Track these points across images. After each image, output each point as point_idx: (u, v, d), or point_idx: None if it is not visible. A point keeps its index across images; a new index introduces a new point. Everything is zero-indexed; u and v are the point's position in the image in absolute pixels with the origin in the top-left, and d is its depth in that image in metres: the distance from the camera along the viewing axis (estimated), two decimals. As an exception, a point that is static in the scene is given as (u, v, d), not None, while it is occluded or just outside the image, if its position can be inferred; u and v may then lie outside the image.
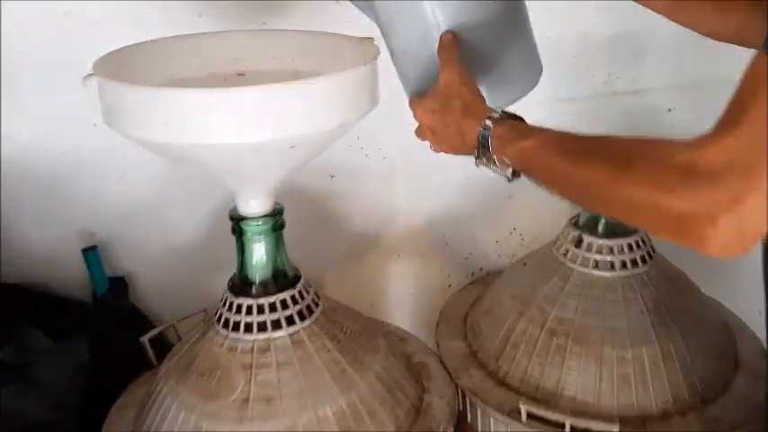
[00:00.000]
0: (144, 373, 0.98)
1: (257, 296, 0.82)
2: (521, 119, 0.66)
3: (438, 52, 0.71)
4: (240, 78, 0.88)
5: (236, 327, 0.82)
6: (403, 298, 1.17)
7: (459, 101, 0.68)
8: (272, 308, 0.82)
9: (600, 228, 0.91)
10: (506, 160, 0.64)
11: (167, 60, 0.85)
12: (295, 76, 0.88)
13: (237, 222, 0.81)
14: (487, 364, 0.92)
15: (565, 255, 0.92)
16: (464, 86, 0.68)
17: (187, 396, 0.81)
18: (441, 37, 0.71)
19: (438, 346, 0.98)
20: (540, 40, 0.79)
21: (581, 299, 0.88)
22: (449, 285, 1.16)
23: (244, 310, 0.82)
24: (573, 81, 1.07)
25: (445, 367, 0.93)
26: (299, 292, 0.83)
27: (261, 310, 0.82)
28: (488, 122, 0.65)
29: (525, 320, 0.90)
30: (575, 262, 0.91)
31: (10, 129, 0.97)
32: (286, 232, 1.07)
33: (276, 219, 0.82)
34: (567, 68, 1.06)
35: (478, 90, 0.70)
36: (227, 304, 0.83)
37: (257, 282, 0.83)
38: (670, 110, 1.11)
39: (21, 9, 0.93)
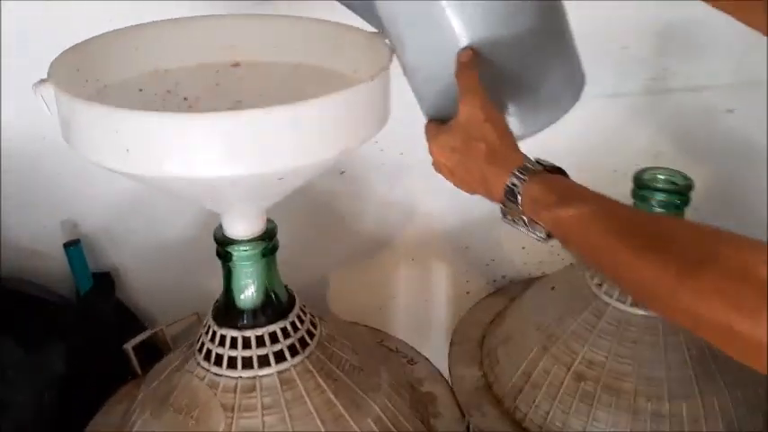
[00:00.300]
0: (127, 382, 0.90)
1: (244, 327, 0.72)
2: (560, 170, 0.54)
3: (456, 74, 0.58)
4: (234, 69, 0.77)
5: (218, 360, 0.72)
6: (416, 303, 1.07)
7: (484, 143, 0.56)
8: (260, 342, 0.72)
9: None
10: (540, 224, 0.52)
11: (152, 48, 0.73)
12: (297, 69, 0.77)
13: (223, 246, 0.71)
14: (504, 400, 0.82)
15: (599, 286, 0.80)
16: (488, 124, 0.56)
17: (162, 435, 0.72)
18: (458, 54, 0.58)
19: (450, 371, 0.88)
20: (584, 27, 0.66)
21: (615, 340, 0.77)
22: (467, 292, 1.06)
23: (228, 342, 0.72)
24: (620, 75, 0.93)
25: (456, 400, 0.83)
26: (292, 323, 0.73)
27: (247, 343, 0.72)
28: (519, 175, 0.53)
29: (549, 358, 0.80)
30: (610, 296, 0.79)
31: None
32: (291, 231, 0.96)
33: (268, 242, 0.71)
34: (614, 60, 0.92)
35: (507, 128, 0.57)
36: (210, 334, 0.73)
37: (244, 311, 0.73)
38: (730, 111, 0.97)
39: (21, 9, 0.82)
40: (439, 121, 0.62)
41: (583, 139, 0.95)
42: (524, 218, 0.54)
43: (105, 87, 0.69)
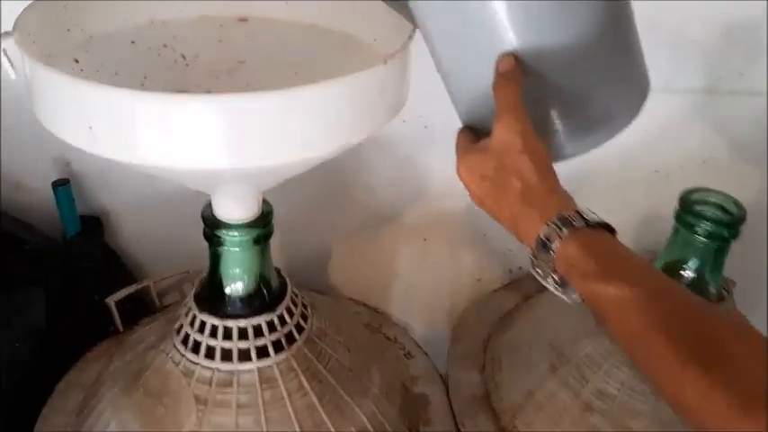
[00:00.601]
0: (109, 337, 0.85)
1: (226, 316, 0.66)
2: (607, 227, 0.46)
3: (493, 85, 0.49)
4: (241, 24, 0.68)
5: (195, 347, 0.66)
6: (422, 284, 1.00)
7: (518, 179, 0.47)
8: (242, 334, 0.66)
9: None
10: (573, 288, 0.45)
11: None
12: (310, 30, 0.68)
13: (212, 229, 0.63)
14: (501, 415, 0.76)
15: (623, 309, 0.72)
16: (526, 156, 0.47)
17: (128, 416, 0.67)
18: (498, 62, 0.49)
19: (448, 371, 0.82)
20: (653, 19, 0.56)
21: (631, 372, 0.69)
22: (478, 279, 0.98)
23: (207, 329, 0.66)
24: (680, 69, 0.83)
25: (450, 407, 0.77)
26: (280, 317, 0.67)
27: (228, 334, 0.66)
28: (556, 228, 0.45)
29: (557, 380, 0.73)
30: (633, 322, 0.71)
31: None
32: (295, 197, 0.89)
33: (262, 228, 0.64)
34: (676, 53, 0.81)
35: (548, 162, 0.49)
36: (190, 317, 0.67)
37: (229, 298, 0.66)
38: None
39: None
40: (472, 134, 0.54)
41: (626, 132, 0.85)
42: (555, 276, 0.46)
43: (91, 38, 0.61)
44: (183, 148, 0.46)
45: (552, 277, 0.47)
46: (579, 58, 0.49)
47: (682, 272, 0.69)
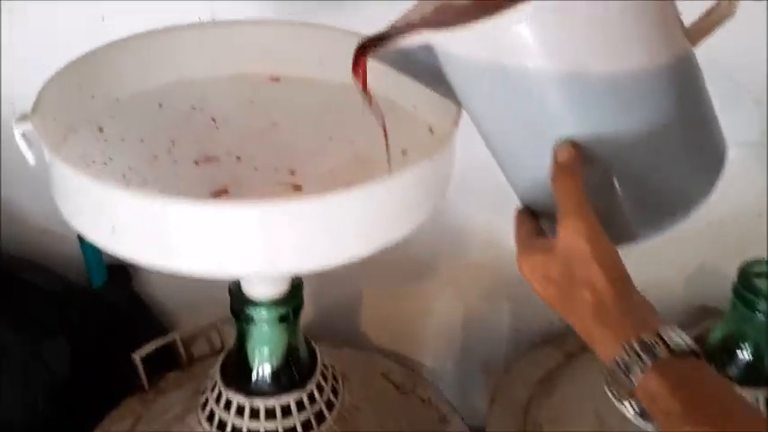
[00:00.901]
0: (134, 394, 0.82)
1: (253, 393, 0.63)
2: (694, 353, 0.40)
3: (552, 178, 0.44)
4: (273, 85, 0.65)
5: (221, 426, 0.63)
6: (458, 334, 0.96)
7: (589, 291, 0.42)
8: (270, 413, 0.62)
9: (735, 364, 0.65)
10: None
11: (176, 55, 0.61)
12: (344, 90, 0.63)
13: (239, 305, 0.60)
14: (543, 490, 0.72)
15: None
16: (595, 264, 0.41)
17: (151, 494, 0.64)
18: (555, 150, 0.44)
19: (486, 437, 0.78)
20: (706, 69, 0.51)
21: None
22: (516, 330, 0.94)
23: (233, 408, 0.63)
24: (740, 121, 0.77)
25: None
26: (310, 395, 0.63)
27: (255, 413, 0.62)
28: (636, 356, 0.40)
29: (603, 459, 0.68)
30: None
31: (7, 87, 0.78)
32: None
33: (292, 305, 0.60)
34: (735, 105, 0.76)
35: (621, 269, 0.43)
36: (216, 393, 0.64)
37: (257, 375, 0.63)
38: None
39: (22, 10, 0.73)
40: (532, 223, 0.48)
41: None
42: (633, 403, 0.41)
43: (117, 102, 0.58)
44: (212, 254, 0.43)
45: (630, 403, 0.42)
46: (647, 144, 0.44)
47: (738, 351, 0.65)
